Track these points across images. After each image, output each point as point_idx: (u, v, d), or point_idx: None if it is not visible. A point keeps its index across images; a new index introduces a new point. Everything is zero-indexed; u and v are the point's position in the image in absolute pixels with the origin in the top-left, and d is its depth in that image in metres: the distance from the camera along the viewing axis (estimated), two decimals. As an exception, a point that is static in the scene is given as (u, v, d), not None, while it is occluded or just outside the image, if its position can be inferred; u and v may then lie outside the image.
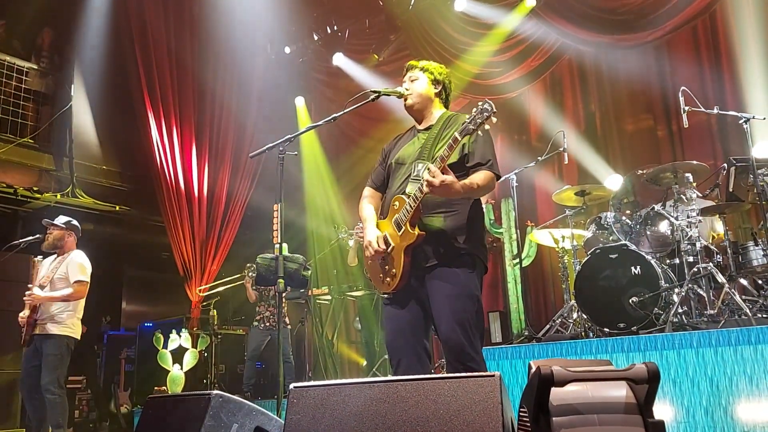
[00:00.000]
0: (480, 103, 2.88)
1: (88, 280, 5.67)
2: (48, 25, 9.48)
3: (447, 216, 3.12)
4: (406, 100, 3.38)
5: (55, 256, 5.81)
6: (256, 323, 7.54)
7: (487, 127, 2.88)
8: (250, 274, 7.68)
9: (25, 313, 5.49)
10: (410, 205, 3.03)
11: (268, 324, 7.48)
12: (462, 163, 3.17)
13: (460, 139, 2.90)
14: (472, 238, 3.15)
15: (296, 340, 8.25)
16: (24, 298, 5.48)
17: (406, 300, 3.17)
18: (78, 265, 5.62)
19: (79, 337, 5.63)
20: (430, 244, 3.08)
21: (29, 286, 5.60)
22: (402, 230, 3.07)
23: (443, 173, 2.91)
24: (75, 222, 5.90)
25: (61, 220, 5.81)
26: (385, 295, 3.21)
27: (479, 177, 3.08)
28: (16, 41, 9.34)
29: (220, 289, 8.65)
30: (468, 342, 2.97)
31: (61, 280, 5.58)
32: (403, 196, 3.13)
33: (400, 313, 3.17)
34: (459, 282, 3.04)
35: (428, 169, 2.94)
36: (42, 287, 5.53)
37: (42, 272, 5.71)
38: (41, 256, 5.86)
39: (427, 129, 3.35)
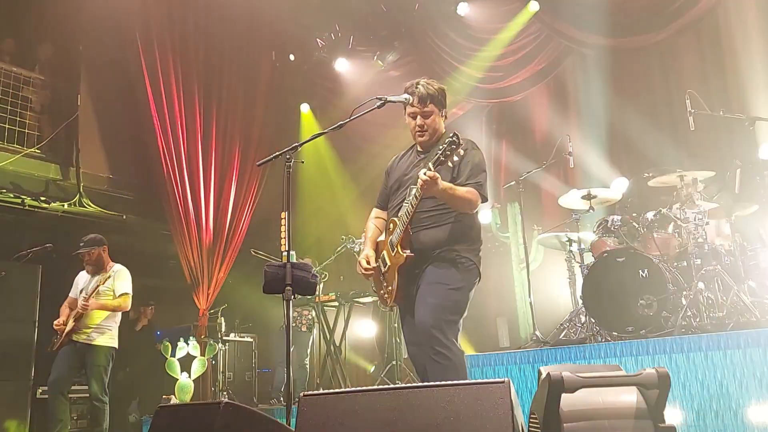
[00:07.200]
0: (449, 136, 3.07)
1: (131, 292, 5.84)
2: (52, 35, 9.51)
3: (435, 228, 3.35)
4: (420, 135, 3.50)
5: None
6: (294, 325, 7.57)
7: (455, 158, 3.07)
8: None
9: (65, 321, 5.60)
10: (400, 229, 3.31)
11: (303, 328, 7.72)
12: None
13: (433, 169, 3.11)
14: (461, 243, 3.36)
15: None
16: (80, 303, 5.57)
17: (412, 308, 3.36)
18: (124, 278, 5.81)
19: (117, 346, 5.81)
20: (421, 252, 3.32)
21: (82, 295, 5.68)
22: (394, 251, 3.34)
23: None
24: (99, 236, 5.97)
25: (89, 241, 5.86)
26: (385, 309, 3.46)
27: (462, 188, 3.29)
28: (22, 52, 9.38)
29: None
30: (438, 326, 3.15)
31: (107, 293, 5.71)
32: (396, 218, 3.38)
33: (411, 321, 3.37)
34: (442, 274, 3.28)
35: (424, 172, 3.12)
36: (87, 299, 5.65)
37: (80, 285, 5.84)
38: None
39: (428, 152, 3.50)
